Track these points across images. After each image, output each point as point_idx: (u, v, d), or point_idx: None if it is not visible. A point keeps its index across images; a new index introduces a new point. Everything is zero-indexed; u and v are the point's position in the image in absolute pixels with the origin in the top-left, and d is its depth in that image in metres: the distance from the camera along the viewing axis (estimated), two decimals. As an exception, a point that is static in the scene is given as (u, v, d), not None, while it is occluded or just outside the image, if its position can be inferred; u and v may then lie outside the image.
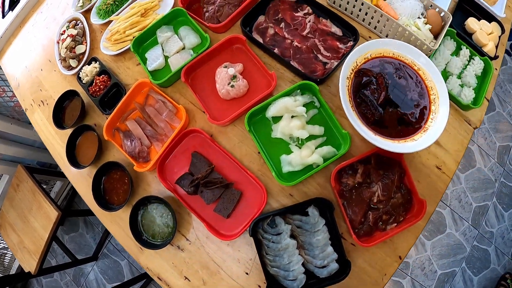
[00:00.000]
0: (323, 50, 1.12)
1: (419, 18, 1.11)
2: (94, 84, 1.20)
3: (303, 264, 0.92)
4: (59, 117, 1.23)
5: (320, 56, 1.12)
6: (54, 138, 1.25)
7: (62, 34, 1.34)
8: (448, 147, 1.05)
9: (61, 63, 1.30)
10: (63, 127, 1.20)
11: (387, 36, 1.14)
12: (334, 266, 0.92)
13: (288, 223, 0.96)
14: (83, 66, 1.25)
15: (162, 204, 1.04)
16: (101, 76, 1.20)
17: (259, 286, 0.96)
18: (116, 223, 1.10)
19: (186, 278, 1.00)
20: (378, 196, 0.96)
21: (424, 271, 1.97)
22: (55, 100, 1.23)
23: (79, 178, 1.18)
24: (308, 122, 1.04)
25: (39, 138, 1.32)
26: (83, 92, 1.24)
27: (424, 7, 1.12)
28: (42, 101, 1.33)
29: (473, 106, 1.05)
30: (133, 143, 1.09)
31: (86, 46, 1.28)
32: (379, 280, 0.94)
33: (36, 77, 1.38)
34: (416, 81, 0.99)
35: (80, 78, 1.25)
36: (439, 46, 1.10)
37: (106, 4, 1.29)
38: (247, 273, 0.98)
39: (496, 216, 2.10)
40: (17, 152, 1.87)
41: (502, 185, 2.16)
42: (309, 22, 1.15)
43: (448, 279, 1.97)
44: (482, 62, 1.13)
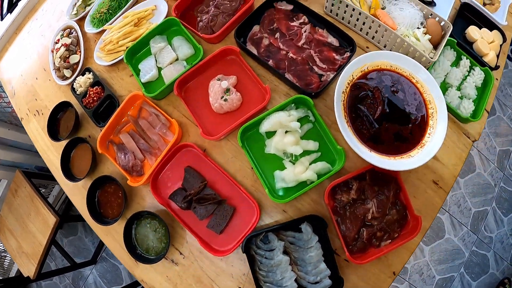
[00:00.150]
0: (319, 62, 1.09)
1: (418, 28, 1.08)
2: (87, 95, 1.19)
3: (296, 280, 0.92)
4: (54, 129, 1.23)
5: (315, 68, 1.09)
6: (50, 150, 1.25)
7: (56, 43, 1.33)
8: (446, 161, 1.04)
9: (55, 72, 1.29)
10: (58, 138, 1.20)
11: (385, 47, 1.11)
12: (327, 283, 0.92)
13: (281, 239, 0.96)
14: (77, 76, 1.24)
15: (156, 219, 1.04)
16: (94, 88, 1.19)
17: (252, 301, 0.96)
18: (111, 235, 1.10)
19: (180, 292, 1.00)
20: (372, 213, 0.94)
21: (422, 277, 1.97)
22: (50, 111, 1.23)
23: (75, 191, 1.18)
24: (302, 137, 1.03)
25: (36, 143, 1.32)
26: (77, 103, 1.23)
27: (424, 16, 1.09)
28: (37, 110, 1.33)
29: (472, 119, 1.02)
30: (126, 156, 1.09)
31: (80, 56, 1.26)
32: (373, 296, 0.94)
33: (31, 85, 1.37)
34: (414, 94, 0.97)
35: (74, 88, 1.24)
36: (438, 57, 1.08)
37: (100, 13, 1.27)
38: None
39: (496, 221, 2.08)
40: (15, 157, 1.88)
41: (501, 190, 2.14)
42: (305, 32, 1.13)
43: (447, 284, 1.96)
44: (483, 73, 1.10)
